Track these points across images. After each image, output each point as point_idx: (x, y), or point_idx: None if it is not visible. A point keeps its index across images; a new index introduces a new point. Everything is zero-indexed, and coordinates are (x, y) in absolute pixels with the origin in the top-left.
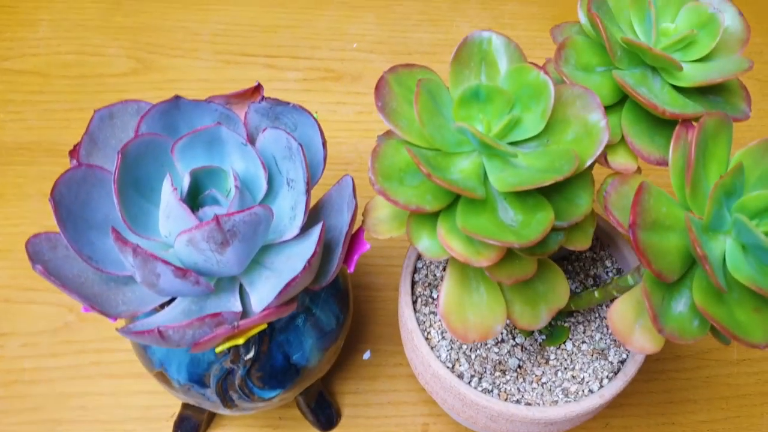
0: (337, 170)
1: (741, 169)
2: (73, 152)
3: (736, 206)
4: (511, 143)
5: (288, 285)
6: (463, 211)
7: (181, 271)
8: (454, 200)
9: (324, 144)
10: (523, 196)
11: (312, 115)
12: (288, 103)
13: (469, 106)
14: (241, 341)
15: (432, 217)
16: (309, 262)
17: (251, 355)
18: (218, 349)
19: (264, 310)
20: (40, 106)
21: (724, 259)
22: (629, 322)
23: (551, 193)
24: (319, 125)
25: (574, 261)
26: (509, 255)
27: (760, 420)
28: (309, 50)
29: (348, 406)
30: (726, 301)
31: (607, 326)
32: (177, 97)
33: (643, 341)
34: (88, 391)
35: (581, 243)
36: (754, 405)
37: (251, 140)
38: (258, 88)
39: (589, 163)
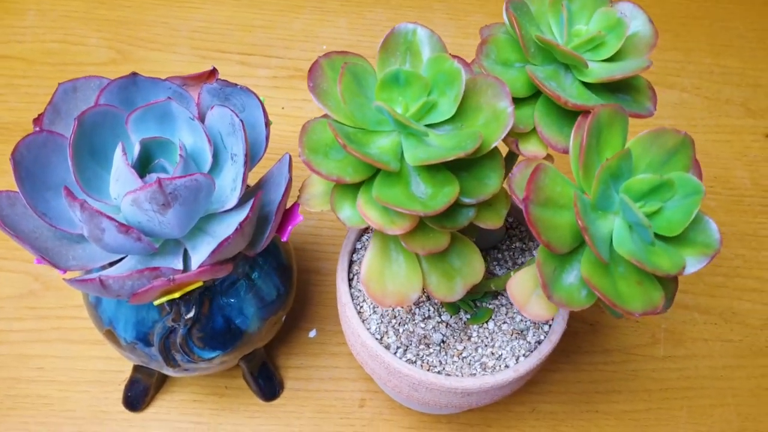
0: (298, 161)
1: (628, 154)
2: (37, 120)
3: (623, 188)
4: (429, 125)
5: (221, 245)
6: (380, 183)
7: (124, 227)
8: (373, 174)
9: (266, 124)
10: (434, 173)
11: (258, 98)
12: (236, 85)
13: (390, 89)
14: (177, 295)
15: (354, 189)
16: (241, 225)
17: (191, 314)
18: (157, 302)
19: (199, 267)
20: (21, 89)
21: (612, 237)
22: (527, 291)
23: (462, 172)
24: (263, 106)
25: (504, 250)
26: (423, 227)
27: (679, 412)
28: (281, 50)
29: (291, 379)
30: (611, 274)
31: None
32: (134, 74)
33: (538, 309)
34: (48, 353)
35: (492, 221)
36: (675, 398)
37: (202, 118)
38: (213, 72)
39: (494, 144)
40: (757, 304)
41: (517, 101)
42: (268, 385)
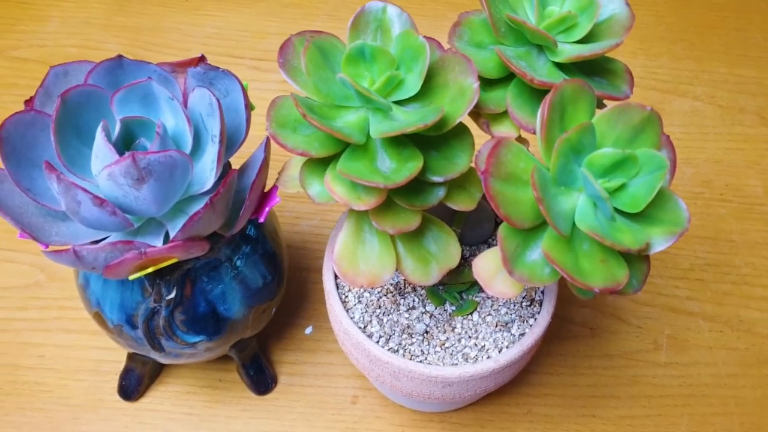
0: None
1: (589, 128)
2: (29, 102)
3: (585, 162)
4: (398, 102)
5: (191, 219)
6: (346, 158)
7: (99, 200)
8: (342, 150)
9: (247, 106)
10: (400, 149)
11: (240, 81)
12: (219, 69)
13: (356, 64)
14: (150, 270)
15: (323, 166)
16: (211, 200)
17: (172, 295)
18: (132, 277)
19: (171, 241)
20: None
21: (575, 213)
22: (493, 270)
23: (431, 151)
24: (244, 90)
25: (494, 245)
26: (393, 206)
27: (680, 420)
28: None
29: (285, 374)
30: (574, 251)
31: (513, 302)
32: (120, 57)
33: (503, 287)
34: (48, 342)
35: (465, 203)
36: (675, 405)
37: (187, 102)
38: (201, 58)
39: (459, 119)
40: (765, 313)
41: (490, 82)
42: (260, 378)
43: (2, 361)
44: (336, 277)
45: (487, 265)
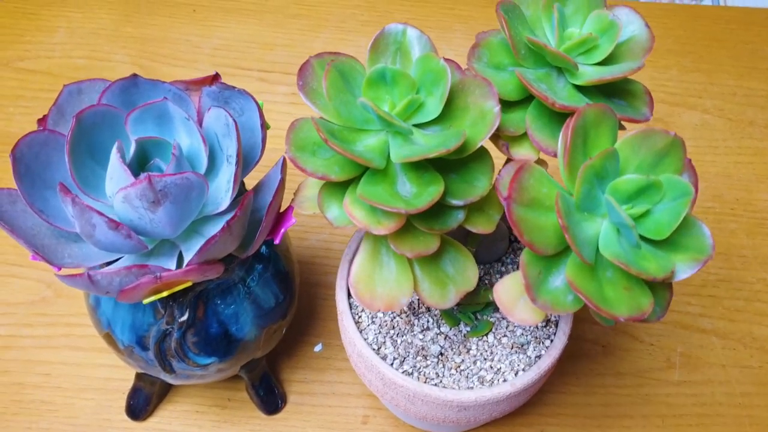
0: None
1: (613, 154)
2: (42, 121)
3: (609, 189)
4: (418, 125)
5: (207, 243)
6: (366, 182)
7: (114, 223)
8: (361, 174)
9: (262, 126)
10: (420, 173)
11: (255, 101)
12: (234, 88)
13: (377, 87)
14: (164, 294)
15: (342, 189)
16: (228, 223)
17: (185, 317)
18: (146, 301)
19: (186, 265)
20: (47, 102)
21: (599, 239)
22: (514, 296)
23: (451, 174)
24: (260, 109)
25: (508, 263)
26: (412, 230)
27: None
28: None
29: (295, 393)
30: (598, 279)
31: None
32: (135, 76)
33: (524, 314)
34: (55, 360)
35: (484, 226)
36: (689, 425)
37: (202, 121)
38: (215, 76)
39: (480, 143)
40: None
41: (509, 104)
42: (269, 397)
43: (8, 380)
44: (349, 296)
45: (508, 292)
